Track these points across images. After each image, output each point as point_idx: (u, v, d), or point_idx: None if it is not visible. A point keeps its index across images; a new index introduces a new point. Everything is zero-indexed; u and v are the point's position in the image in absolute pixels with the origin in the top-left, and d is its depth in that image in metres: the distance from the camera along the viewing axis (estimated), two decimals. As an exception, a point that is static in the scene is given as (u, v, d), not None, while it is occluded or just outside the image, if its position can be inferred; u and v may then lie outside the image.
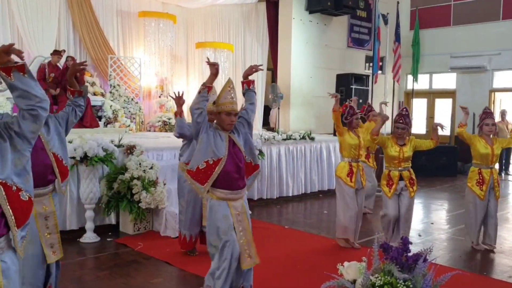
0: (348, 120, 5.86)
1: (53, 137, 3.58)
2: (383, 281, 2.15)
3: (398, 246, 2.30)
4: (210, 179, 3.46)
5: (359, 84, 10.89)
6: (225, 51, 11.11)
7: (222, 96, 3.54)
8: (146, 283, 4.54)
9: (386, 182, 5.47)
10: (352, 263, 2.32)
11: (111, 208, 6.01)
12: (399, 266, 2.24)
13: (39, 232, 3.48)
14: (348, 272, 2.27)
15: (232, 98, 3.52)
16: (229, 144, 3.54)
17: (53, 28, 9.85)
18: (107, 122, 9.51)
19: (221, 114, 3.54)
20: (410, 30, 14.20)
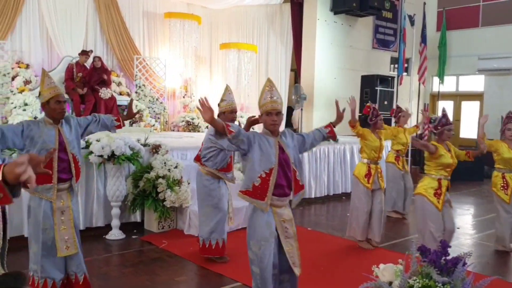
0: (373, 121, 5.83)
1: (73, 139, 3.74)
2: (422, 284, 2.12)
3: (437, 249, 2.27)
4: (269, 192, 3.35)
5: (384, 86, 10.79)
6: (248, 52, 11.14)
7: (262, 97, 3.46)
8: (170, 280, 4.59)
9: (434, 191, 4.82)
10: (388, 265, 2.30)
11: (137, 206, 6.10)
12: (438, 269, 2.21)
13: (54, 225, 3.65)
14: (384, 274, 2.25)
15: (271, 98, 3.41)
16: (278, 151, 3.40)
17: (81, 29, 10.04)
18: (133, 122, 9.63)
19: (263, 116, 3.46)
20: (437, 31, 13.99)
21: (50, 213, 3.63)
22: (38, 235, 3.61)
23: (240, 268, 4.86)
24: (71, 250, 3.73)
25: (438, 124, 4.90)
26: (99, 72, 9.27)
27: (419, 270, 2.22)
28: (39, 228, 3.59)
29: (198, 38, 11.41)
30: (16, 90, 8.82)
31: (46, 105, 3.60)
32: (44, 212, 3.61)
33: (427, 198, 4.76)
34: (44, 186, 3.59)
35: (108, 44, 10.55)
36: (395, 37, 12.73)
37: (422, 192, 4.82)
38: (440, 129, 4.87)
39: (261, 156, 3.35)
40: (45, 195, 3.62)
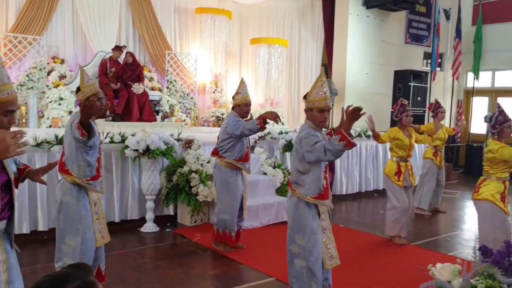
0: (398, 117, 5.77)
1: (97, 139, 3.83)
2: (485, 285, 2.07)
3: (501, 250, 2.21)
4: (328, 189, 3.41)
5: (417, 81, 10.58)
6: (279, 47, 11.09)
7: (314, 91, 3.33)
8: (204, 274, 4.63)
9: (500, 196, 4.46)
10: (446, 265, 2.24)
11: (170, 199, 6.17)
12: (502, 270, 2.15)
13: (92, 217, 3.73)
14: (442, 274, 2.20)
15: (325, 94, 3.29)
16: None
17: (114, 24, 10.17)
18: (164, 117, 9.74)
19: (313, 111, 3.33)
20: (472, 26, 13.61)
21: (88, 206, 3.71)
22: (77, 229, 3.63)
23: (275, 263, 4.87)
24: (105, 239, 3.85)
25: (495, 123, 4.45)
26: (132, 67, 9.38)
27: (481, 271, 2.16)
28: (79, 222, 3.63)
29: (229, 33, 11.42)
30: (52, 85, 9.02)
31: (86, 102, 3.57)
32: (84, 206, 3.67)
33: (496, 204, 4.40)
34: (99, 180, 3.75)
35: (140, 39, 10.67)
36: (428, 32, 12.46)
37: (489, 198, 4.41)
38: (498, 128, 4.42)
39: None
40: (98, 189, 3.78)
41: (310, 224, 3.37)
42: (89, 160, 3.60)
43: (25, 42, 8.87)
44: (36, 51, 9.04)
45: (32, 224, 5.45)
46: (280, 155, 7.70)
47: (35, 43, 9.00)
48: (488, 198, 4.44)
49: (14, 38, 8.81)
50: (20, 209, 5.25)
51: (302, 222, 3.39)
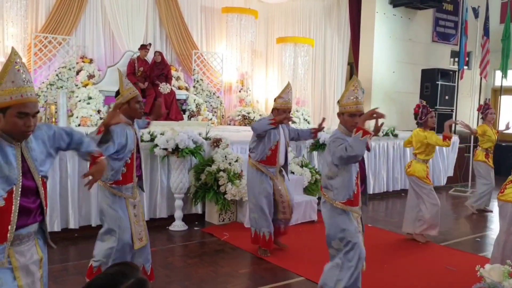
0: (423, 119, 5.74)
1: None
2: None
3: None
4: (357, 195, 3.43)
5: (445, 80, 10.43)
6: (305, 46, 11.06)
7: (346, 95, 3.34)
8: (234, 272, 4.65)
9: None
10: (495, 266, 2.23)
11: (198, 198, 6.22)
12: None
13: (129, 220, 3.69)
14: (491, 275, 2.19)
15: (356, 98, 3.29)
16: None
17: (141, 24, 10.29)
18: (191, 115, 9.81)
19: (344, 115, 3.35)
20: (501, 24, 13.34)
21: (125, 208, 3.69)
22: (113, 231, 3.64)
23: (304, 263, 4.87)
24: (144, 242, 3.83)
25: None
26: (159, 66, 9.47)
27: None
28: (115, 224, 3.63)
29: (255, 32, 11.45)
30: (81, 84, 9.18)
31: (125, 105, 3.64)
32: (120, 208, 3.66)
33: None
34: (127, 185, 3.68)
35: (167, 39, 10.78)
36: (455, 30, 12.27)
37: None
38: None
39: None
40: (126, 194, 3.69)
41: (347, 227, 3.36)
42: (112, 165, 3.57)
43: (54, 42, 9.04)
44: (65, 51, 9.21)
45: (63, 221, 5.55)
46: (308, 154, 7.68)
47: (64, 43, 9.17)
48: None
49: (44, 38, 8.99)
50: (52, 206, 5.34)
51: (339, 227, 3.38)
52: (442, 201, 8.69)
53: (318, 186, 7.10)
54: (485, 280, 2.22)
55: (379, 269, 4.75)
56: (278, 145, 5.01)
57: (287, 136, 5.15)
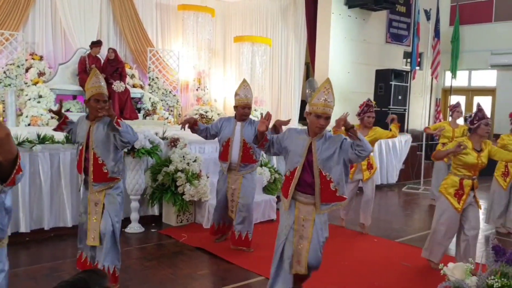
0: (361, 116, 6.00)
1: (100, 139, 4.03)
2: (501, 284, 2.10)
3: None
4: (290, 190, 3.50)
5: (398, 80, 10.72)
6: (263, 45, 11.05)
7: (316, 96, 3.32)
8: (194, 274, 4.59)
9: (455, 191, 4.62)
10: (459, 264, 2.28)
11: (155, 199, 6.10)
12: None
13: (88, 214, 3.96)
14: (454, 273, 2.23)
15: (325, 100, 3.27)
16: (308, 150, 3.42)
17: (94, 20, 9.98)
18: (146, 114, 9.62)
19: (311, 115, 3.36)
20: (450, 26, 13.87)
21: (86, 201, 3.97)
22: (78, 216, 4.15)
23: (264, 262, 4.85)
24: (95, 242, 3.95)
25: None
26: (113, 64, 9.22)
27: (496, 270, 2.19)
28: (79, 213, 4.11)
29: (212, 30, 11.34)
30: (30, 82, 8.80)
31: (87, 102, 3.86)
32: (83, 199, 4.06)
33: (447, 199, 4.63)
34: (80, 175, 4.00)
35: (121, 35, 10.51)
36: (408, 32, 12.63)
37: (443, 192, 4.70)
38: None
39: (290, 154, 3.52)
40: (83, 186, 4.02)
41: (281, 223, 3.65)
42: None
43: (1, 37, 8.63)
44: (13, 47, 8.80)
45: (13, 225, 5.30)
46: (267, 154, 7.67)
47: (12, 39, 8.76)
48: (442, 191, 4.70)
49: (-11, 33, 8.57)
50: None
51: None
52: (395, 198, 8.96)
53: (277, 185, 7.12)
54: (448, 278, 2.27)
55: (336, 266, 4.81)
56: (229, 141, 5.14)
57: (251, 134, 5.07)
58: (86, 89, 3.86)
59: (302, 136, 3.45)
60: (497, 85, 13.36)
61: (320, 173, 3.37)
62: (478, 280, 2.18)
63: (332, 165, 3.36)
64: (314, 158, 3.37)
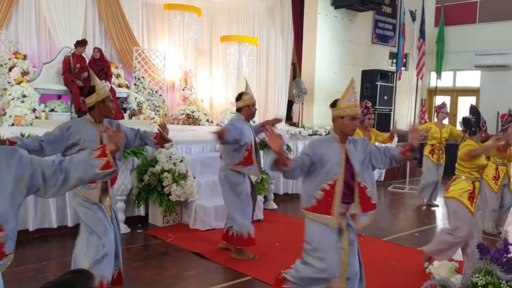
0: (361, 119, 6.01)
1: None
2: (485, 281, 2.12)
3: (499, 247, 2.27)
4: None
5: (384, 81, 10.80)
6: (249, 45, 11.05)
7: (345, 98, 3.18)
8: (180, 274, 4.57)
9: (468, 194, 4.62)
10: (444, 263, 2.29)
11: (141, 200, 6.06)
12: (501, 267, 2.21)
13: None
14: (440, 271, 2.25)
15: (356, 101, 3.17)
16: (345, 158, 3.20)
17: (79, 19, 9.88)
18: (132, 114, 9.55)
19: (344, 119, 3.16)
20: (435, 27, 14.00)
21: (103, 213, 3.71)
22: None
23: (251, 262, 4.87)
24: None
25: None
26: (98, 63, 9.14)
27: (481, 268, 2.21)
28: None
29: (198, 30, 11.31)
30: (14, 81, 8.69)
31: (100, 104, 3.64)
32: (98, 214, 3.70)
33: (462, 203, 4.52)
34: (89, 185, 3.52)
35: (107, 35, 10.42)
36: (394, 32, 12.72)
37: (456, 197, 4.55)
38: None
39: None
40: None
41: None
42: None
43: (-17, 36, 8.51)
44: (-4, 46, 8.68)
45: None
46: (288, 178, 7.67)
47: (-5, 38, 8.64)
48: (455, 196, 4.54)
49: (-29, 32, 8.44)
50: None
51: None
52: (381, 198, 9.01)
53: (264, 186, 7.12)
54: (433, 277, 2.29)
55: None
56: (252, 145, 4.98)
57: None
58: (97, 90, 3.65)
59: (333, 144, 3.21)
60: (481, 86, 13.51)
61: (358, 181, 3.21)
62: (463, 278, 2.20)
63: (364, 170, 3.24)
64: (353, 165, 3.18)
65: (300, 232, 6.02)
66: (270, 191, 7.51)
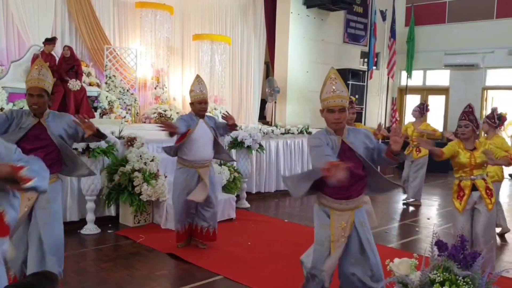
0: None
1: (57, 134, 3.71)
2: (443, 278, 2.17)
3: (455, 244, 2.32)
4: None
5: (355, 80, 10.94)
6: (222, 44, 11.03)
7: (324, 90, 3.03)
8: (151, 275, 4.53)
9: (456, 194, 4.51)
10: (404, 260, 2.33)
11: (112, 200, 6.00)
12: (457, 263, 2.26)
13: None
14: (400, 268, 2.29)
15: (333, 92, 2.96)
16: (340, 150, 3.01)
17: (49, 17, 9.68)
18: (103, 113, 9.41)
19: (324, 111, 3.04)
20: (405, 27, 14.26)
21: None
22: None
23: (222, 261, 4.87)
24: None
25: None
26: (68, 61, 8.97)
27: (439, 265, 2.26)
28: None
29: (170, 28, 11.21)
30: (-20, 80, 8.48)
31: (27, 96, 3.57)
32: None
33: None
34: None
35: (77, 33, 10.23)
36: (365, 32, 12.89)
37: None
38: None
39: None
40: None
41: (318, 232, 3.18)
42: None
43: None
44: (-39, 43, 8.44)
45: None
46: (226, 152, 7.67)
47: (-40, 35, 8.40)
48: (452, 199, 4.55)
49: None
50: None
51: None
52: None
53: (237, 184, 7.13)
54: (394, 274, 2.34)
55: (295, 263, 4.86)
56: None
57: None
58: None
59: (330, 137, 3.05)
60: (450, 85, 13.83)
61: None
62: (421, 275, 2.25)
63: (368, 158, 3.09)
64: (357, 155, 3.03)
65: (272, 231, 6.09)
66: (242, 190, 7.52)
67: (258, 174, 8.23)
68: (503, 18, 12.67)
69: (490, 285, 2.25)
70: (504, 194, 10.09)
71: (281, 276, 4.45)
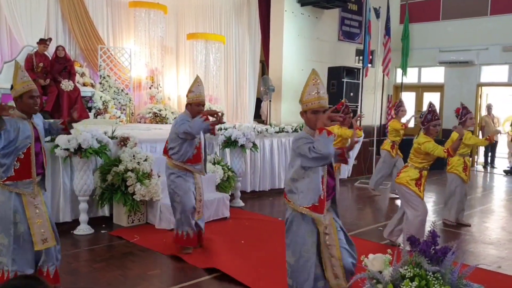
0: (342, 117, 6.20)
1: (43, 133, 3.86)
2: (413, 273, 2.18)
3: (427, 239, 2.33)
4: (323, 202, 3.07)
5: (350, 78, 10.93)
6: (216, 43, 11.01)
7: (306, 92, 3.08)
8: (143, 274, 4.53)
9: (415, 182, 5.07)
10: (378, 255, 2.34)
11: (105, 200, 5.98)
12: (428, 258, 2.27)
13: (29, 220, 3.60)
14: (374, 264, 2.30)
15: (317, 93, 3.02)
16: None
17: (42, 17, 9.66)
18: (97, 113, 9.40)
19: (307, 113, 3.08)
20: (400, 24, 14.25)
21: (21, 206, 3.57)
22: (8, 228, 3.54)
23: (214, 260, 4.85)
24: (49, 243, 3.71)
25: (424, 120, 5.02)
26: (62, 62, 8.96)
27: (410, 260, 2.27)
28: (10, 222, 3.53)
29: (164, 28, 11.20)
30: (-27, 81, 8.45)
31: (19, 100, 3.56)
32: (15, 206, 3.56)
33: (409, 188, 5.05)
34: (23, 181, 3.57)
35: (70, 33, 10.21)
36: (360, 30, 12.88)
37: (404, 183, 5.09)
38: (426, 125, 4.99)
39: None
40: (24, 191, 3.59)
41: (302, 241, 3.13)
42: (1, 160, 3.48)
43: None
44: (-46, 44, 8.41)
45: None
46: (220, 151, 7.67)
47: (-48, 36, 8.37)
48: (402, 183, 5.06)
49: None
50: None
51: (294, 238, 3.16)
52: (348, 193, 9.15)
53: (231, 183, 7.13)
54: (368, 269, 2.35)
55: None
56: (200, 142, 5.06)
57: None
58: (14, 85, 3.54)
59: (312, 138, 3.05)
60: (445, 82, 13.83)
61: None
62: (393, 270, 2.26)
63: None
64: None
65: (267, 229, 6.09)
66: (237, 189, 7.52)
67: (252, 172, 8.23)
68: (497, 15, 12.68)
69: (462, 279, 2.26)
70: (501, 190, 10.12)
71: (275, 275, 4.45)
